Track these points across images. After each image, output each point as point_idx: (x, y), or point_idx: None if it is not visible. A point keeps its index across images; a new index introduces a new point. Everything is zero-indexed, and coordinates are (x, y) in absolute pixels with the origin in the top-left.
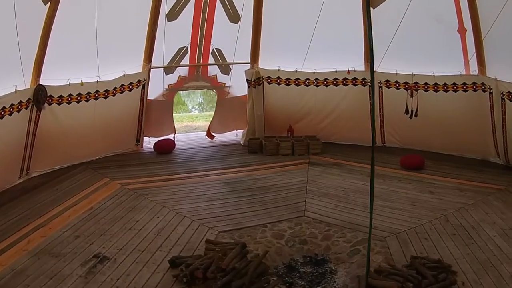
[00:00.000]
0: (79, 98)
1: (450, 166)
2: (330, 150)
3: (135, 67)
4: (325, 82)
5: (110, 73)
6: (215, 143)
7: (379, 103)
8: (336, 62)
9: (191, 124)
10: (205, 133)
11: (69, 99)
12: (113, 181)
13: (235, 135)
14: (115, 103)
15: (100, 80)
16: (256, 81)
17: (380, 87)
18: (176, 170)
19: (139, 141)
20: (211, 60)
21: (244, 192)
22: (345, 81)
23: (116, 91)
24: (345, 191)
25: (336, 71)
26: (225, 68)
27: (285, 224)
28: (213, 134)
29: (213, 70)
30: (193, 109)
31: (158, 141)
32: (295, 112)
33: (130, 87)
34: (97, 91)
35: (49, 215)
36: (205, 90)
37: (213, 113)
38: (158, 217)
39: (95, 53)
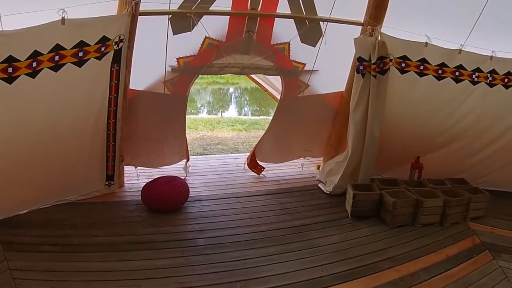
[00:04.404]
0: None
1: None
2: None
3: (95, 8)
4: (506, 80)
5: (23, 13)
6: (266, 183)
7: None
8: None
9: (211, 134)
10: (241, 157)
11: None
12: None
13: (298, 166)
14: (40, 94)
15: None
16: (378, 63)
17: None
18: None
19: (112, 178)
20: (282, 8)
21: None
22: None
23: (41, 62)
24: None
25: None
26: (312, 31)
27: None
28: (260, 164)
29: (284, 32)
30: (202, 108)
31: (153, 182)
32: (439, 134)
33: (81, 53)
34: None
35: None
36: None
37: (268, 125)
38: None
39: None
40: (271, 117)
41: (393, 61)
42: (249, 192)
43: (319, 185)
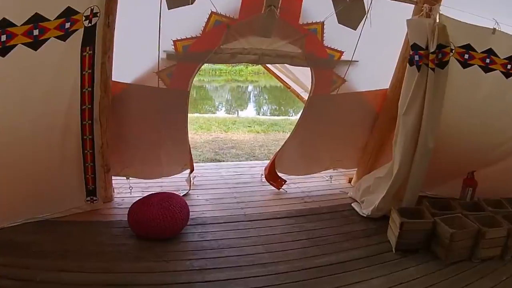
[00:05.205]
0: None
1: None
2: None
3: None
4: None
5: None
6: (287, 201)
7: None
8: None
9: (224, 136)
10: (258, 165)
11: None
12: None
13: (326, 178)
14: None
15: None
16: (437, 54)
17: None
18: None
19: (94, 193)
20: None
21: None
22: None
23: None
24: None
25: None
26: (353, 8)
27: None
28: (280, 175)
29: (316, 9)
30: (220, 107)
31: (143, 202)
32: (501, 143)
33: (36, 31)
34: None
35: None
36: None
37: (292, 130)
38: None
39: None
40: (292, 118)
41: (454, 51)
42: (266, 214)
43: (352, 204)
